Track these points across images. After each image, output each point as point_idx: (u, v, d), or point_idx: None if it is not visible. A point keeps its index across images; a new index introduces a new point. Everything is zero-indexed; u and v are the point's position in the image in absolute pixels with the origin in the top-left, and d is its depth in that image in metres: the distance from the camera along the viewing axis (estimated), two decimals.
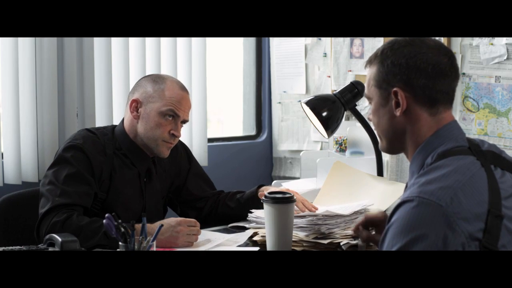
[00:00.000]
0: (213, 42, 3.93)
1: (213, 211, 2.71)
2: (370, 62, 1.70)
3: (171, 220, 2.33)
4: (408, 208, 1.48)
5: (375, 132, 1.74)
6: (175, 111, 2.48)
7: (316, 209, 2.47)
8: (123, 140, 2.52)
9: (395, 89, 1.63)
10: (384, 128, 1.68)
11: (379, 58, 1.67)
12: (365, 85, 1.73)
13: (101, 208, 2.45)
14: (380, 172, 2.84)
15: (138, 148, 2.52)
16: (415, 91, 1.62)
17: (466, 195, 1.48)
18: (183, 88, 2.54)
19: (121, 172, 2.50)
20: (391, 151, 1.74)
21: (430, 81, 1.61)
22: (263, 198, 2.21)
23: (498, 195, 1.52)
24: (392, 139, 1.69)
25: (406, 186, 1.67)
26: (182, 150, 2.75)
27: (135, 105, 2.51)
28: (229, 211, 2.68)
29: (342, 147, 3.35)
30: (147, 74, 3.48)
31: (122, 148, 2.52)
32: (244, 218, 2.59)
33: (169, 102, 2.48)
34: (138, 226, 1.88)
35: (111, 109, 3.37)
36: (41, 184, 2.44)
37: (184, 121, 2.55)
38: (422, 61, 1.62)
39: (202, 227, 2.61)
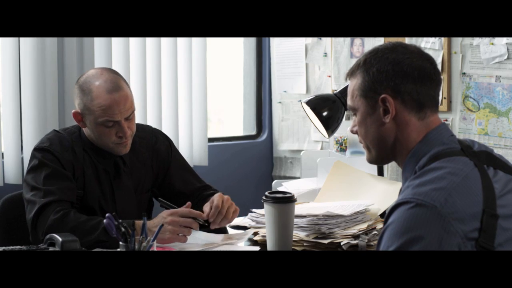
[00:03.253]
0: (213, 42, 3.93)
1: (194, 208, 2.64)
2: (352, 73, 1.69)
3: (162, 213, 2.30)
4: (404, 210, 1.49)
5: (362, 144, 1.72)
6: (111, 119, 2.38)
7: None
8: (85, 140, 2.49)
9: (383, 96, 1.62)
10: (374, 137, 1.67)
11: (363, 67, 1.65)
12: (348, 97, 1.71)
13: (80, 206, 2.44)
14: (380, 172, 2.84)
15: (97, 147, 2.49)
16: (403, 97, 1.61)
17: (460, 195, 1.49)
18: (110, 90, 2.37)
19: (92, 169, 2.48)
20: (380, 161, 1.73)
21: (417, 85, 1.61)
22: (263, 198, 2.21)
23: (493, 194, 1.52)
24: (382, 148, 1.67)
25: (400, 191, 1.67)
26: (164, 144, 2.67)
27: (78, 117, 2.44)
28: None
29: (342, 146, 3.35)
30: (147, 74, 3.50)
31: (86, 147, 2.50)
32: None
33: (101, 112, 2.37)
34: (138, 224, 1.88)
35: None
36: (23, 192, 2.44)
37: (128, 117, 2.43)
38: (408, 66, 1.61)
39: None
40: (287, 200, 2.20)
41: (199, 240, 2.36)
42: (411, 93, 1.61)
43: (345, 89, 2.62)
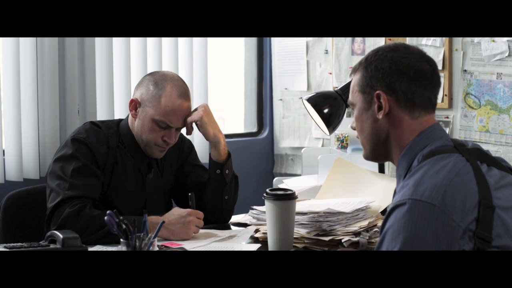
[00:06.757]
0: (214, 40, 3.92)
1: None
2: (355, 70, 1.74)
3: (181, 211, 2.35)
4: (402, 212, 1.50)
5: (359, 140, 1.76)
6: (167, 123, 2.46)
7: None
8: (125, 134, 2.53)
9: (377, 92, 1.66)
10: (368, 132, 1.71)
11: (364, 64, 1.70)
12: (350, 92, 1.75)
13: (101, 200, 2.46)
14: (381, 169, 2.84)
15: (135, 145, 2.53)
16: (397, 94, 1.65)
17: (456, 190, 1.50)
18: (181, 96, 2.48)
19: (123, 165, 2.51)
20: (374, 157, 1.76)
21: (412, 85, 1.65)
22: (264, 195, 2.21)
23: (487, 186, 1.54)
24: (375, 144, 1.71)
25: (395, 192, 1.68)
26: (189, 146, 2.75)
27: (134, 105, 2.50)
28: (207, 200, 2.61)
29: (343, 144, 3.35)
30: (148, 71, 3.49)
31: (124, 142, 2.53)
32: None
33: (163, 111, 2.44)
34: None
35: (113, 106, 3.37)
36: (48, 178, 2.45)
37: (180, 128, 2.52)
38: (404, 65, 1.65)
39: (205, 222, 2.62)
40: (288, 197, 2.20)
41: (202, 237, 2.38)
42: (405, 92, 1.64)
43: (346, 86, 2.62)
